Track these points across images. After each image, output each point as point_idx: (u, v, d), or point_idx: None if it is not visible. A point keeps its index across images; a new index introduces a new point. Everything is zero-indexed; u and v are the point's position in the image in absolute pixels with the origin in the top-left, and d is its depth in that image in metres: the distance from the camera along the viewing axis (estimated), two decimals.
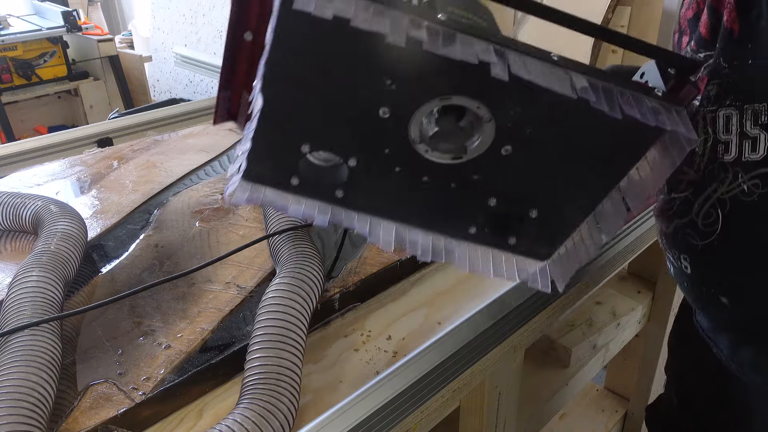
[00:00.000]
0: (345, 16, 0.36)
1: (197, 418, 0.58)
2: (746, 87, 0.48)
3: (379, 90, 0.42)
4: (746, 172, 0.49)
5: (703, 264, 0.56)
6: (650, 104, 0.42)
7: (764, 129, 0.47)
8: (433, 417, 0.63)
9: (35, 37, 2.78)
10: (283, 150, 0.46)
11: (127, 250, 0.80)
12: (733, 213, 0.51)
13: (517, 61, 0.39)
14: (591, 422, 1.33)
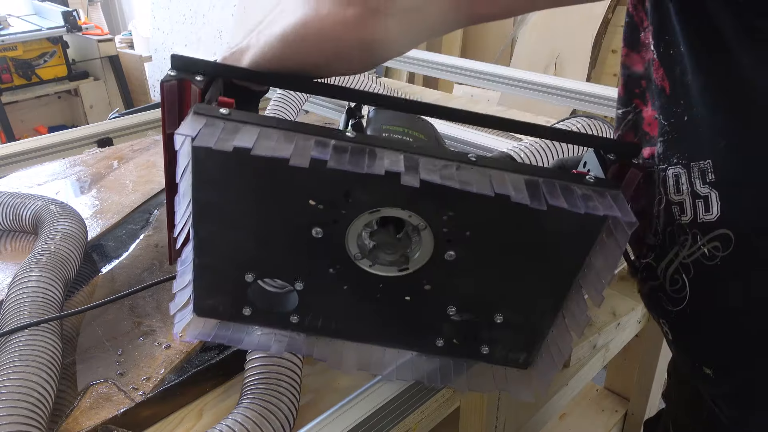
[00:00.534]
0: (245, 146, 0.35)
1: (197, 418, 0.58)
2: (687, 144, 0.45)
3: (306, 211, 0.41)
4: (704, 234, 0.45)
5: (682, 332, 0.51)
6: (580, 191, 0.40)
7: (713, 187, 0.43)
8: (433, 417, 0.63)
9: (35, 37, 2.79)
10: (228, 282, 0.45)
11: (127, 250, 0.80)
12: (699, 278, 0.47)
13: (428, 167, 0.38)
14: (591, 422, 1.32)
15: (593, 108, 1.15)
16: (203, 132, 0.36)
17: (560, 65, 2.13)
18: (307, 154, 0.36)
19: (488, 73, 1.29)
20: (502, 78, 1.27)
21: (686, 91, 0.44)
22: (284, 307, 0.47)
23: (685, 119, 0.45)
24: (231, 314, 0.48)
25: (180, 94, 0.43)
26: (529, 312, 0.48)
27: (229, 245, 0.44)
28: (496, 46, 2.39)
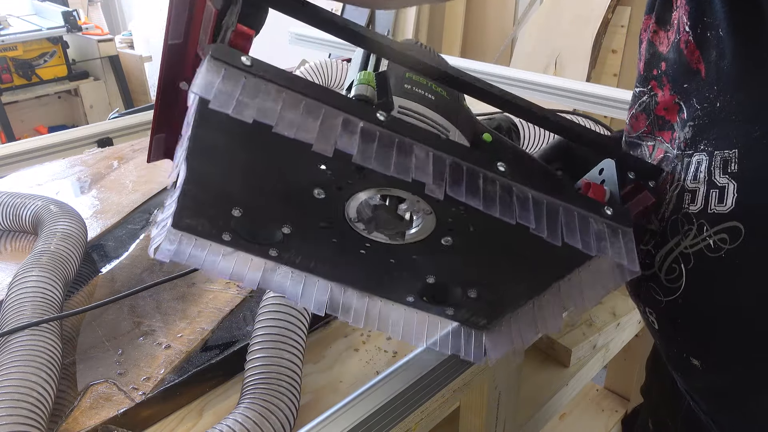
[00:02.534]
0: (267, 122, 0.33)
1: (197, 418, 0.58)
2: (716, 132, 0.44)
3: (312, 172, 0.39)
4: (712, 225, 0.44)
5: (670, 322, 0.51)
6: (596, 226, 0.39)
7: (733, 179, 0.42)
8: (433, 417, 0.63)
9: (35, 37, 2.79)
10: (213, 210, 0.44)
11: (127, 250, 0.80)
12: (698, 269, 0.46)
13: (455, 177, 0.37)
14: (591, 422, 1.33)
15: (593, 108, 1.15)
16: (220, 90, 0.32)
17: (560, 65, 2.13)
18: (332, 138, 0.34)
19: (488, 73, 1.28)
20: (502, 78, 1.26)
21: (721, 76, 0.44)
22: (266, 240, 0.46)
23: (717, 105, 0.44)
24: (210, 235, 0.46)
25: (191, 4, 0.39)
26: (503, 295, 0.50)
27: (222, 184, 0.42)
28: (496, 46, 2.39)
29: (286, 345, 0.57)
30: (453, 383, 0.62)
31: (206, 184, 0.42)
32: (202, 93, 0.32)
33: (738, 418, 0.49)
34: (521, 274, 0.47)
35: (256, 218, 0.45)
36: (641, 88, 0.52)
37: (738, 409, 0.49)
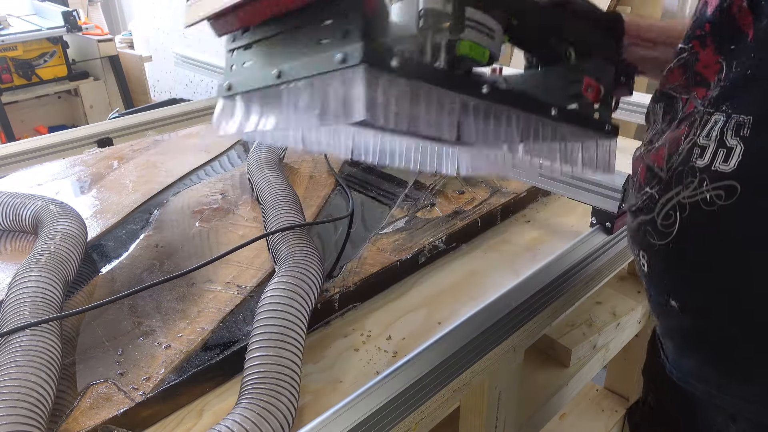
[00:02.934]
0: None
1: (197, 418, 0.58)
2: (740, 96, 0.46)
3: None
4: (712, 182, 0.47)
5: (658, 265, 0.55)
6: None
7: (742, 142, 0.45)
8: (433, 417, 0.63)
9: (35, 37, 2.78)
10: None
11: (127, 250, 0.80)
12: (691, 219, 0.50)
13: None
14: (591, 422, 1.32)
15: None
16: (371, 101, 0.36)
17: None
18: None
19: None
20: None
21: (763, 45, 0.45)
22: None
23: (749, 72, 0.46)
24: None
25: None
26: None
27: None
28: None
29: (286, 344, 0.57)
30: (453, 383, 0.62)
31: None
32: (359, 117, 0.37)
33: (698, 360, 0.56)
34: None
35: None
36: (683, 45, 0.55)
37: (699, 350, 0.55)
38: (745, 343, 0.51)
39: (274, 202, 0.80)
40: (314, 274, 0.66)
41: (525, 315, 0.70)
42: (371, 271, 0.74)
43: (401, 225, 0.85)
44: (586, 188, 0.80)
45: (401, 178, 1.01)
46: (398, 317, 0.71)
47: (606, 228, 0.82)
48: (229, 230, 0.84)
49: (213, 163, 1.08)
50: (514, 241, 0.86)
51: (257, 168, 0.92)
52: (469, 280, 0.78)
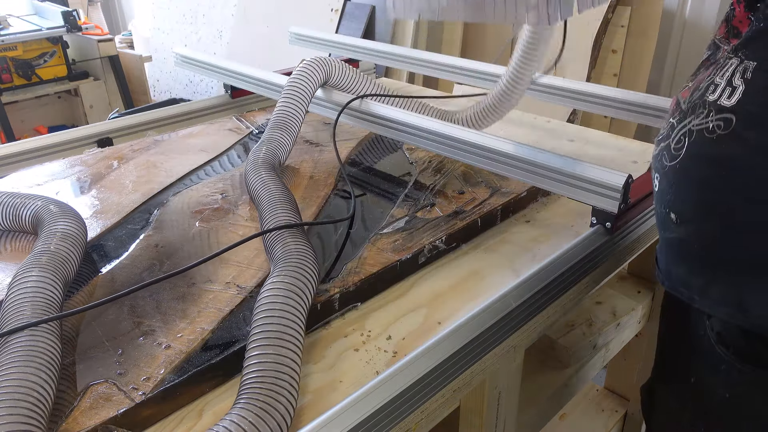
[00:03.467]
0: None
1: (197, 418, 0.58)
2: (753, 46, 0.55)
3: None
4: (716, 113, 0.57)
5: (666, 183, 0.65)
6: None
7: (744, 83, 0.55)
8: (433, 417, 0.63)
9: (35, 37, 2.79)
10: None
11: (127, 250, 0.80)
12: (695, 144, 0.60)
13: None
14: (591, 422, 1.32)
15: (593, 108, 1.15)
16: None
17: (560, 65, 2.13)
18: None
19: (488, 73, 1.29)
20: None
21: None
22: None
23: (761, 26, 0.55)
24: None
25: None
26: None
27: None
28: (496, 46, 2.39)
29: (284, 342, 0.57)
30: (453, 383, 0.62)
31: None
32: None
33: (685, 269, 0.65)
34: None
35: None
36: (729, 3, 0.64)
37: (687, 259, 0.65)
38: (723, 252, 0.61)
39: (270, 203, 0.80)
40: (310, 273, 0.66)
41: (525, 315, 0.70)
42: (371, 271, 0.74)
43: (401, 225, 0.85)
44: (587, 188, 0.80)
45: (401, 178, 1.01)
46: (398, 317, 0.71)
47: (606, 228, 0.82)
48: (229, 230, 0.84)
49: (213, 163, 1.08)
50: (514, 241, 0.86)
51: (253, 169, 0.92)
52: (469, 280, 0.78)
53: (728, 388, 0.64)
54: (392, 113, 1.02)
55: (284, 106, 1.05)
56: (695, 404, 0.69)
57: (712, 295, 0.62)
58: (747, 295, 0.59)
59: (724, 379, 0.64)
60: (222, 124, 1.28)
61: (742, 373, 0.62)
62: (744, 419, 0.64)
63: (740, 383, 0.63)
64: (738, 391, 0.63)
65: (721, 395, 0.65)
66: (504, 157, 0.87)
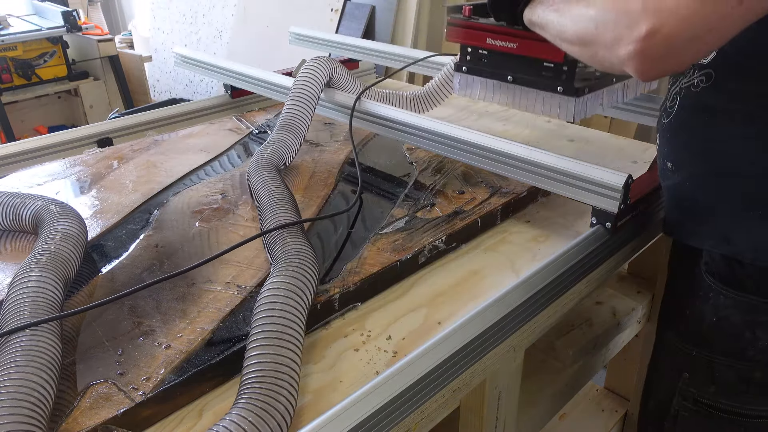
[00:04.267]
0: None
1: (197, 418, 0.58)
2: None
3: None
4: (699, 70, 0.69)
5: (663, 138, 0.78)
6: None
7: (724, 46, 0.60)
8: (433, 417, 0.63)
9: (35, 37, 2.79)
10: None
11: (127, 250, 0.80)
12: (685, 98, 0.72)
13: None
14: (591, 422, 1.32)
15: None
16: None
17: None
18: None
19: None
20: None
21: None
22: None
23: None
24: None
25: None
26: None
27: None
28: None
29: (284, 342, 0.57)
30: (453, 383, 0.62)
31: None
32: None
33: (681, 212, 0.78)
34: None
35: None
36: None
37: (682, 204, 0.77)
38: (710, 193, 0.72)
39: (270, 203, 0.80)
40: (309, 272, 0.66)
41: (525, 315, 0.70)
42: (371, 271, 0.74)
43: (401, 225, 0.85)
44: (586, 188, 0.80)
45: (401, 178, 1.01)
46: (398, 317, 0.71)
47: (606, 228, 0.82)
48: (229, 230, 0.84)
49: (213, 163, 1.08)
50: (514, 241, 0.86)
51: (255, 169, 0.92)
52: (469, 280, 0.78)
53: (715, 313, 0.75)
54: (392, 113, 1.02)
55: (292, 108, 1.05)
56: (690, 332, 0.79)
57: (701, 231, 0.74)
58: (731, 231, 0.71)
59: (713, 305, 0.75)
60: (222, 124, 1.28)
61: (726, 298, 0.73)
62: (727, 337, 0.74)
63: (725, 307, 0.74)
64: (723, 314, 0.74)
65: (709, 320, 0.76)
66: (504, 157, 0.87)
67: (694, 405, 0.80)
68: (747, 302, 0.72)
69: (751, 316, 0.72)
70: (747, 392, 0.76)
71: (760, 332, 0.72)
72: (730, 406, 0.77)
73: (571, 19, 0.67)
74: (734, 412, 0.77)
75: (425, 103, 1.18)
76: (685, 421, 0.82)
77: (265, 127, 1.26)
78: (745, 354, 0.74)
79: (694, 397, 0.80)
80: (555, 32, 0.71)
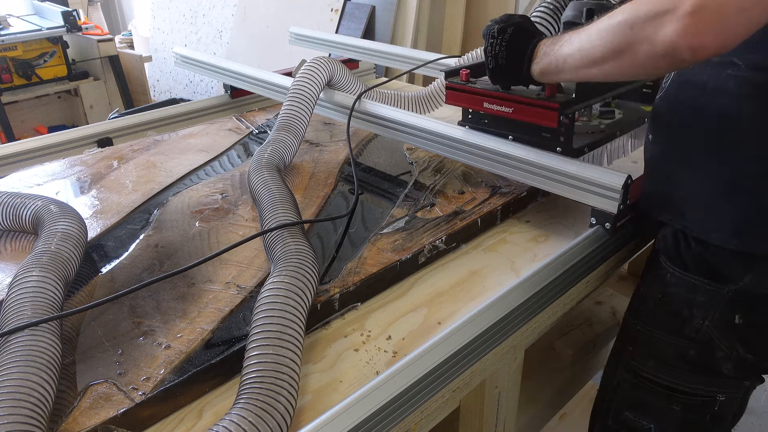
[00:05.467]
0: None
1: (197, 418, 0.58)
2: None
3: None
4: None
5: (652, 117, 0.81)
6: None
7: None
8: (433, 417, 0.63)
9: (35, 37, 2.78)
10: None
11: (127, 250, 0.80)
12: (677, 75, 0.77)
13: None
14: None
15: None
16: None
17: None
18: None
19: None
20: None
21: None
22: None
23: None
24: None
25: None
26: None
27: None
28: None
29: (283, 342, 0.57)
30: (453, 383, 0.62)
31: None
32: None
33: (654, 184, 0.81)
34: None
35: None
36: None
37: (656, 177, 0.81)
38: (673, 165, 0.77)
39: (270, 203, 0.80)
40: (310, 272, 0.66)
41: (525, 315, 0.70)
42: (371, 271, 0.74)
43: (401, 225, 0.85)
44: (586, 188, 0.80)
45: (401, 178, 1.01)
46: (398, 317, 0.71)
47: (606, 228, 0.82)
48: (229, 230, 0.84)
49: (213, 163, 1.08)
50: (514, 241, 0.86)
51: (255, 169, 0.92)
52: (469, 280, 0.78)
53: (661, 290, 0.80)
54: (392, 113, 1.02)
55: (290, 108, 1.05)
56: (639, 309, 0.84)
57: (660, 202, 0.79)
58: (688, 205, 0.75)
59: (660, 283, 0.80)
60: (222, 124, 1.28)
61: (672, 276, 0.78)
62: (668, 315, 0.79)
63: (669, 284, 0.79)
64: (667, 291, 0.79)
65: (655, 296, 0.81)
66: (504, 157, 0.87)
67: (634, 377, 0.85)
68: (688, 281, 0.77)
69: (691, 295, 0.77)
70: (681, 369, 0.80)
71: (696, 311, 0.76)
72: (666, 381, 0.81)
73: (594, 38, 0.67)
74: (671, 387, 0.81)
75: (427, 104, 1.19)
76: (624, 392, 0.86)
77: (265, 127, 1.26)
78: (682, 331, 0.78)
79: (635, 370, 0.84)
80: (578, 63, 0.71)
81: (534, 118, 0.83)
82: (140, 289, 0.67)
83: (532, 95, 0.83)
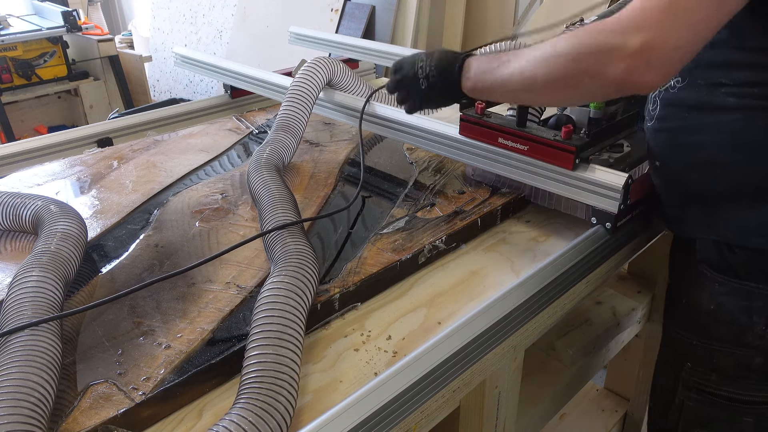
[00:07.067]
0: None
1: (197, 418, 0.58)
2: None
3: None
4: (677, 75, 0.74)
5: (649, 139, 0.81)
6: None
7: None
8: (433, 417, 0.63)
9: (35, 37, 2.78)
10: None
11: (127, 250, 0.80)
12: (663, 100, 0.77)
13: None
14: (591, 422, 1.32)
15: None
16: None
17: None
18: None
19: None
20: None
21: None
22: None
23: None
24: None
25: None
26: None
27: None
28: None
29: (284, 342, 0.57)
30: (453, 383, 0.62)
31: None
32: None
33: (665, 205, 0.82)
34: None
35: None
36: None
37: (668, 195, 0.81)
38: (686, 184, 0.77)
39: (270, 203, 0.80)
40: (310, 272, 0.66)
41: (525, 315, 0.70)
42: (371, 271, 0.74)
43: (401, 225, 0.85)
44: (586, 188, 0.80)
45: (401, 178, 1.01)
46: (398, 317, 0.71)
47: (606, 228, 0.82)
48: (229, 230, 0.84)
49: (213, 163, 1.08)
50: (514, 241, 0.86)
51: (255, 169, 0.92)
52: (469, 280, 0.78)
53: (712, 301, 0.77)
54: (392, 113, 1.02)
55: (289, 108, 1.05)
56: (689, 322, 0.81)
57: (692, 220, 0.78)
58: (718, 217, 0.74)
59: (709, 294, 0.77)
60: (222, 124, 1.28)
61: (721, 285, 0.75)
62: (724, 324, 0.76)
63: (720, 294, 0.76)
64: (719, 301, 0.76)
65: (707, 308, 0.77)
66: (504, 157, 0.87)
67: (698, 394, 0.81)
68: (740, 288, 0.74)
69: (747, 302, 0.74)
70: (748, 378, 0.77)
71: (757, 317, 0.73)
72: (732, 394, 0.78)
73: (539, 65, 0.67)
74: (737, 399, 0.78)
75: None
76: (689, 410, 0.83)
77: (264, 127, 1.26)
78: (743, 340, 0.75)
79: (697, 387, 0.81)
80: (517, 86, 0.71)
81: (549, 158, 0.82)
82: (140, 289, 0.67)
83: (549, 136, 0.81)
